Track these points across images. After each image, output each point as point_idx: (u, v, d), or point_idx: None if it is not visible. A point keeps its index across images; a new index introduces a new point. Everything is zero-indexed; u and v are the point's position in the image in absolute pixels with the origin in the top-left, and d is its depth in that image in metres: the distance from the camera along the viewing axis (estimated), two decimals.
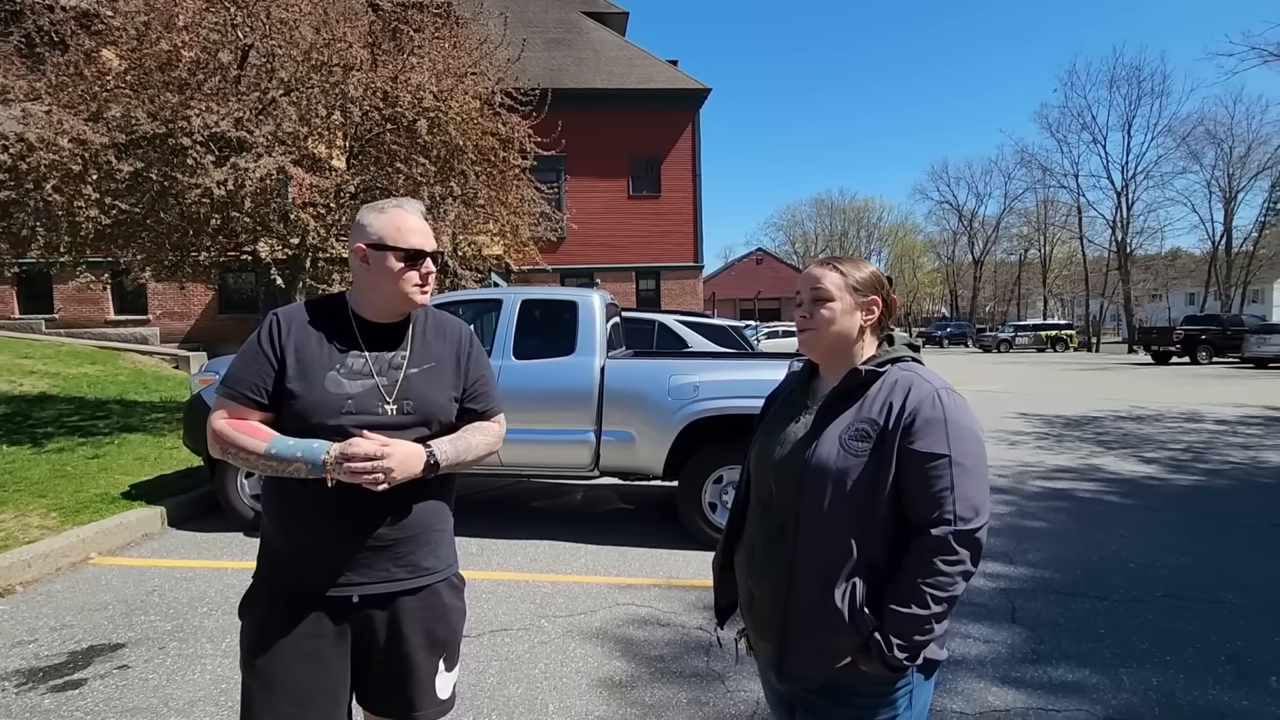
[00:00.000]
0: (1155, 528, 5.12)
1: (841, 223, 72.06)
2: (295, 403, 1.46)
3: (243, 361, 1.50)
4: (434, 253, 1.56)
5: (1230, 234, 42.95)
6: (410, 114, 7.60)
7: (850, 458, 1.25)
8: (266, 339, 1.50)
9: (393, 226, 1.51)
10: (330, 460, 1.40)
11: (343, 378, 1.49)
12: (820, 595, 1.25)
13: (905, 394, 1.27)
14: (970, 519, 1.21)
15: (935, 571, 1.19)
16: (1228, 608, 3.65)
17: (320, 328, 1.53)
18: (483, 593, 3.90)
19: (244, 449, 1.43)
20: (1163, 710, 2.67)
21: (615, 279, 21.71)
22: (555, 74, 19.38)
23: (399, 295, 1.53)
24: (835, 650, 1.25)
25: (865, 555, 1.25)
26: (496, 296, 5.24)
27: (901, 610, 1.20)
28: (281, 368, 1.48)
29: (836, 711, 1.30)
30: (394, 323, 1.59)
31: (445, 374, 1.61)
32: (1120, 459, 7.70)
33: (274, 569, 1.52)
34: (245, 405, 1.48)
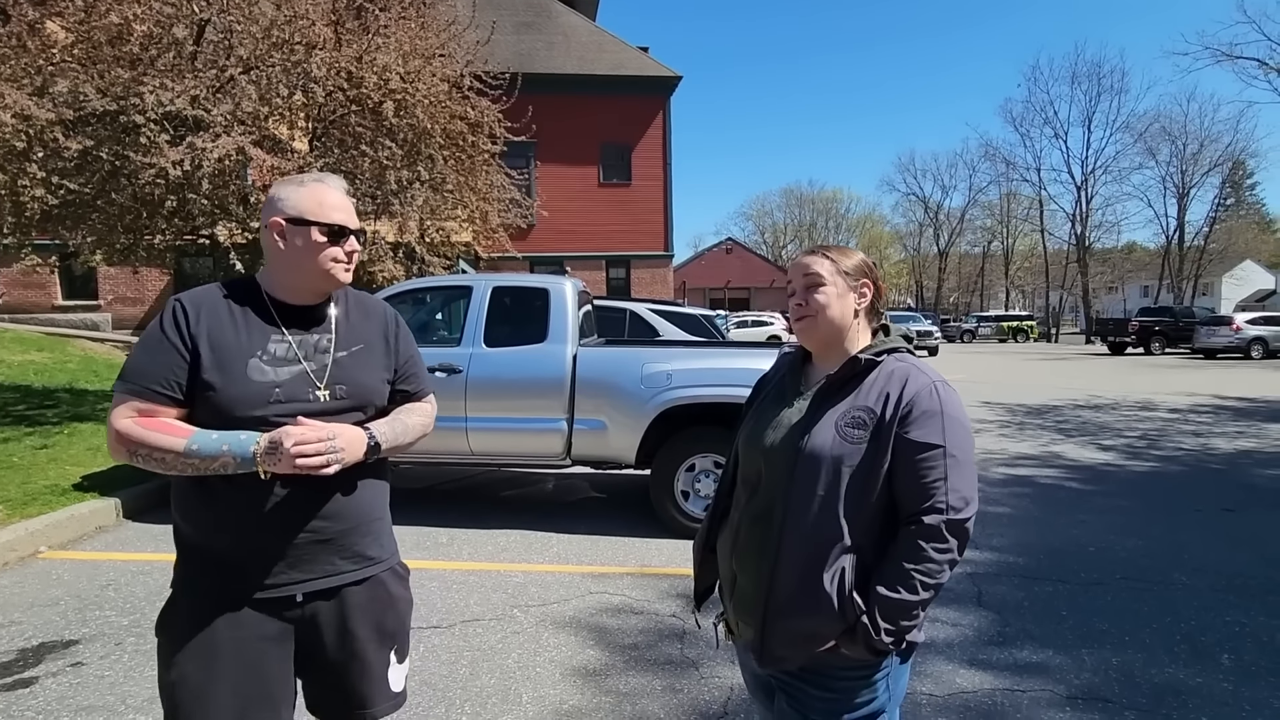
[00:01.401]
0: (1113, 513, 5.27)
1: (810, 213, 72.67)
2: (214, 395, 1.34)
3: (147, 353, 1.35)
4: (357, 231, 1.47)
5: (1183, 229, 44.46)
6: (376, 95, 7.41)
7: (846, 444, 1.26)
8: (172, 327, 1.35)
9: (314, 201, 1.41)
10: (261, 451, 1.30)
11: (266, 365, 1.38)
12: (806, 578, 1.26)
13: (903, 385, 1.28)
14: (961, 509, 1.23)
15: (925, 558, 1.21)
16: (1182, 589, 3.77)
17: (234, 312, 1.40)
18: (454, 583, 3.85)
19: (157, 448, 1.29)
20: (1122, 688, 2.75)
21: (585, 267, 21.60)
22: (524, 58, 19.09)
23: (321, 274, 1.43)
24: (819, 634, 1.26)
25: (855, 541, 1.26)
26: (466, 283, 5.15)
27: (890, 595, 1.21)
28: (195, 358, 1.34)
29: (816, 695, 1.30)
30: (314, 304, 1.48)
31: (376, 356, 1.54)
32: (1079, 446, 7.91)
33: (201, 575, 1.39)
34: (155, 401, 1.33)
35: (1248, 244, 54.15)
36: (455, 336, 4.97)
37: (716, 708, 2.63)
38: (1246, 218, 54.88)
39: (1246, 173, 49.28)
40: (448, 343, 5.09)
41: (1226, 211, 49.28)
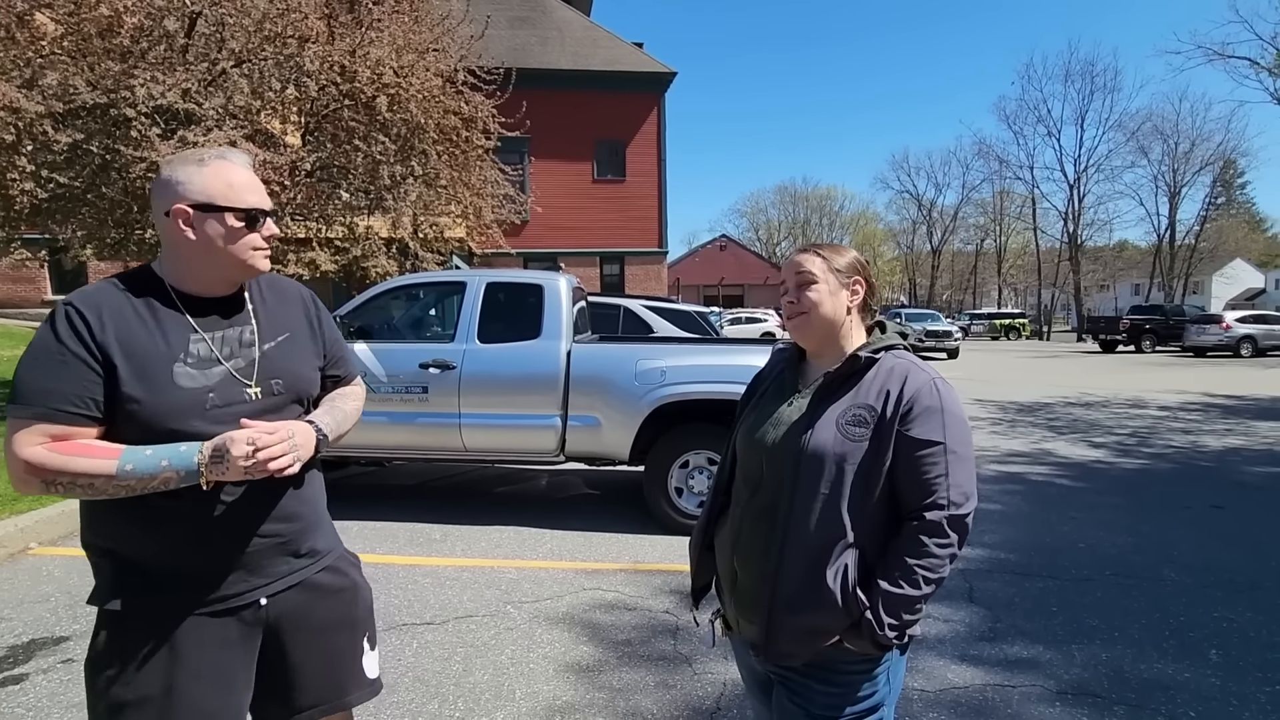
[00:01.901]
0: (1103, 509, 5.30)
1: (804, 211, 72.75)
2: (139, 409, 1.20)
3: (46, 370, 1.18)
4: (271, 211, 1.36)
5: (1174, 227, 44.70)
6: (369, 90, 7.39)
7: (849, 442, 1.27)
8: (73, 337, 1.18)
9: (222, 182, 1.27)
10: (206, 461, 1.20)
11: (193, 369, 1.26)
12: (810, 575, 1.27)
13: (902, 381, 1.29)
14: (962, 504, 1.25)
15: (928, 553, 1.23)
16: (1171, 585, 3.80)
17: (140, 313, 1.25)
18: (447, 579, 3.85)
19: (83, 474, 1.15)
20: (1111, 684, 2.77)
21: (579, 263, 21.56)
22: (518, 53, 19.04)
23: (236, 263, 1.30)
24: (824, 630, 1.27)
25: (857, 537, 1.28)
26: (460, 279, 5.13)
27: (894, 590, 1.23)
28: (109, 370, 1.19)
29: (819, 689, 1.32)
30: (227, 294, 1.35)
31: (303, 342, 1.45)
32: (1070, 444, 7.96)
33: (148, 594, 1.26)
34: (70, 424, 1.18)
35: (1238, 243, 54.54)
36: (449, 332, 4.96)
37: (709, 703, 2.64)
38: (1237, 217, 55.28)
39: (1237, 172, 49.71)
40: (441, 339, 5.08)
41: (1217, 210, 49.61)
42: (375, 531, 4.62)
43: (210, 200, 1.26)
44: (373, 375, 4.69)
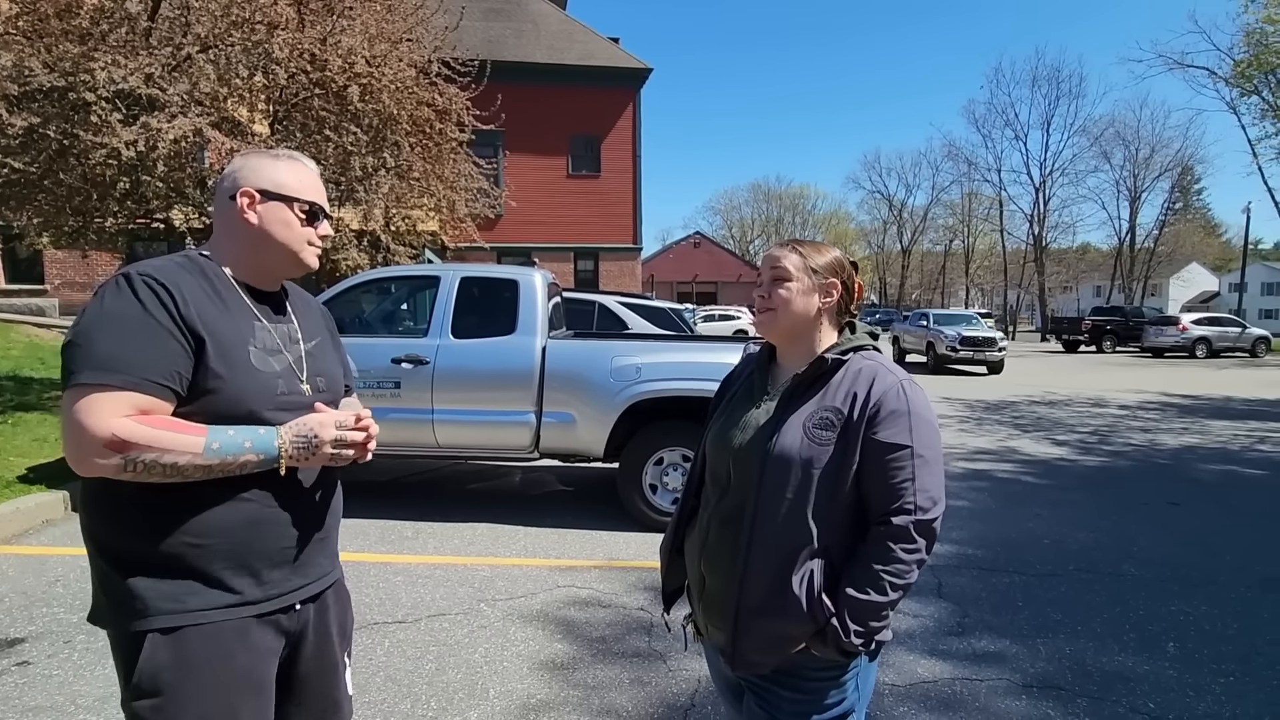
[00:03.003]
0: (1066, 506, 5.44)
1: (778, 209, 73.23)
2: (224, 388, 1.17)
3: (133, 340, 1.11)
4: (329, 215, 1.38)
5: (1134, 231, 45.94)
6: (340, 79, 7.23)
7: (815, 446, 1.25)
8: (160, 308, 1.13)
9: (291, 175, 1.30)
10: (287, 444, 1.18)
11: (264, 354, 1.25)
12: (776, 581, 1.25)
13: (870, 384, 1.27)
14: (929, 509, 1.23)
15: (894, 559, 1.21)
16: (1131, 580, 3.91)
17: (207, 292, 1.22)
18: (419, 577, 3.81)
19: (170, 450, 1.08)
20: (1075, 677, 2.85)
21: (553, 259, 21.45)
22: (493, 45, 18.84)
23: (289, 255, 1.31)
24: (790, 636, 1.25)
25: (824, 542, 1.26)
26: (434, 273, 5.07)
27: (859, 597, 1.21)
28: (199, 346, 1.15)
29: (786, 696, 1.30)
30: (274, 290, 1.36)
31: (331, 349, 1.47)
32: (1035, 441, 8.15)
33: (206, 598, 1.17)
34: (159, 397, 1.11)
35: (1194, 247, 56.31)
36: (422, 327, 4.89)
37: (684, 700, 2.65)
38: (1193, 221, 57.02)
39: (1194, 178, 51.15)
40: (414, 334, 5.01)
41: (1175, 215, 51.08)
42: (345, 529, 4.51)
43: (278, 188, 1.28)
44: None
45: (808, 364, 1.32)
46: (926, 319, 18.79)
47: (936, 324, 17.99)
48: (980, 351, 16.44)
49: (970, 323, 18.04)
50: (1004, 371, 16.97)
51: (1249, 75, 23.28)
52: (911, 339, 19.38)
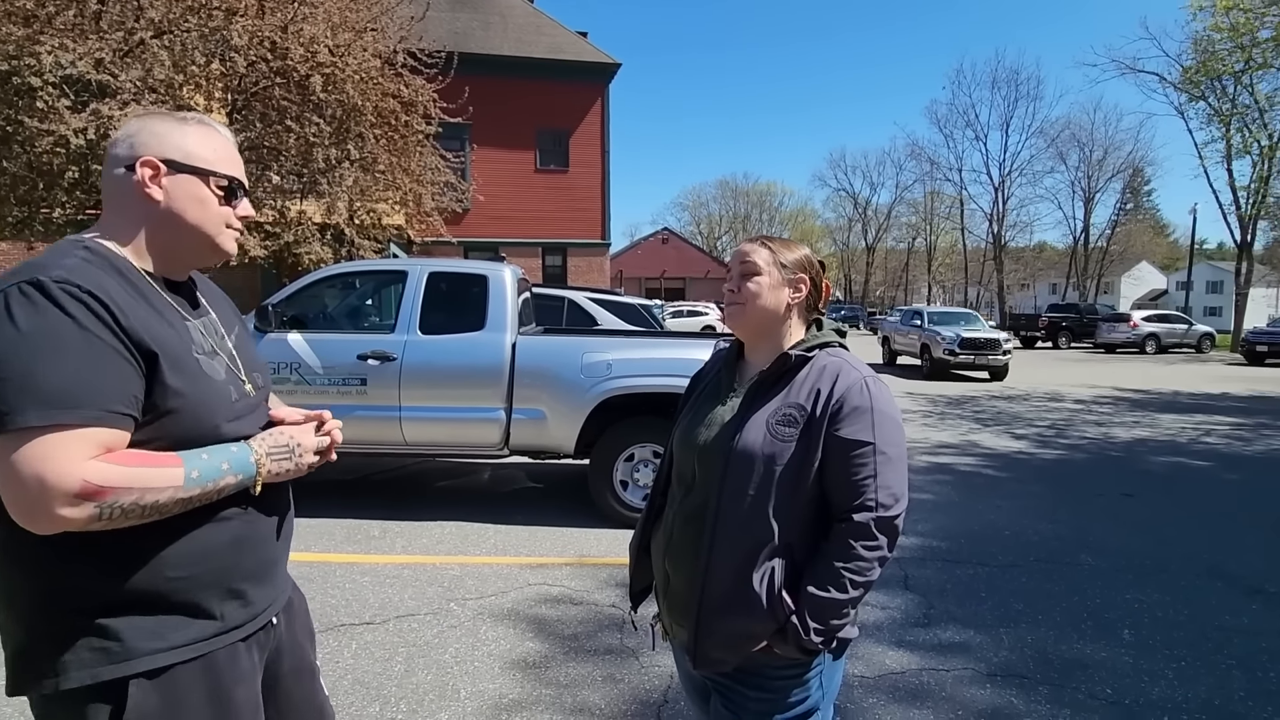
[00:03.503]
0: (1026, 498, 5.58)
1: (745, 206, 73.71)
2: (185, 405, 1.01)
3: (84, 364, 0.92)
4: (249, 190, 1.23)
5: (1088, 230, 47.38)
6: (303, 68, 7.08)
7: (777, 443, 1.24)
8: (97, 322, 0.94)
9: (204, 144, 1.10)
10: (263, 457, 1.08)
11: (207, 358, 1.09)
12: (738, 579, 1.25)
13: (833, 381, 1.27)
14: (891, 506, 1.22)
15: (855, 556, 1.21)
16: (1088, 569, 4.04)
17: (133, 295, 1.02)
18: (387, 577, 3.75)
19: (151, 489, 0.94)
20: (1036, 665, 2.93)
21: (521, 254, 21.26)
22: (460, 37, 18.56)
23: (204, 240, 1.12)
24: (751, 634, 1.24)
25: (785, 540, 1.25)
26: (401, 268, 4.98)
27: (820, 594, 1.21)
28: (150, 361, 0.98)
29: (751, 695, 1.29)
30: (183, 280, 1.17)
31: (249, 338, 1.30)
32: (995, 435, 8.35)
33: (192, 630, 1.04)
34: (121, 429, 0.95)
35: (1144, 246, 58.26)
36: (389, 323, 4.81)
37: (657, 696, 2.66)
38: (1143, 222, 58.94)
39: (1144, 180, 52.93)
40: (380, 329, 4.92)
41: (1126, 215, 52.79)
42: (310, 529, 4.45)
43: (188, 159, 1.08)
44: (307, 367, 4.51)
45: (772, 361, 1.32)
46: (921, 318, 16.56)
47: (932, 324, 15.94)
48: (982, 355, 14.59)
49: (969, 322, 16.16)
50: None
51: (1196, 81, 24.12)
52: (904, 340, 17.18)
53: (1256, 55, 13.20)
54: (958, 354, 14.49)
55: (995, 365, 14.73)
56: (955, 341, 14.56)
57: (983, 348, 14.58)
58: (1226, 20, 12.50)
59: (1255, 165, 25.87)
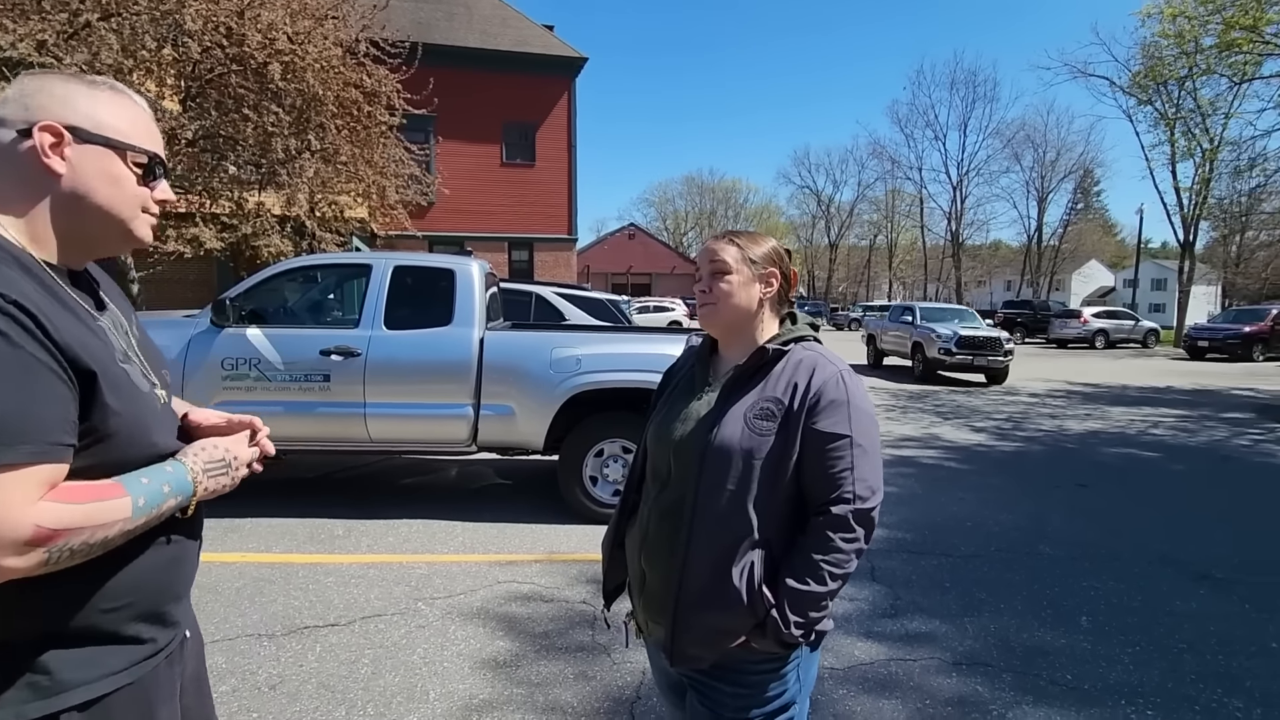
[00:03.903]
0: (986, 490, 5.72)
1: (711, 202, 74.09)
2: (123, 426, 0.91)
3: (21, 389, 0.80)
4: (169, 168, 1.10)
5: (1042, 229, 48.74)
6: (260, 55, 6.87)
7: (755, 436, 1.24)
8: (29, 338, 0.82)
9: (122, 114, 0.95)
10: (200, 474, 0.99)
11: (130, 366, 0.97)
12: (716, 575, 1.24)
13: (810, 374, 1.27)
14: (868, 498, 1.23)
15: (833, 549, 1.21)
16: (1046, 559, 4.15)
17: (46, 296, 0.88)
18: (352, 577, 3.67)
19: (101, 525, 0.85)
20: (999, 653, 3.00)
21: (487, 249, 21.02)
22: (423, 28, 18.24)
23: (116, 225, 0.97)
24: (730, 630, 1.24)
25: (764, 534, 1.25)
26: (365, 261, 4.87)
27: (799, 587, 1.21)
28: (86, 379, 0.87)
29: (728, 691, 1.29)
30: (79, 270, 1.01)
31: (146, 333, 1.17)
32: (955, 428, 8.54)
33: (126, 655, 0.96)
34: (63, 461, 0.85)
35: (1094, 245, 60.28)
36: (352, 318, 4.70)
37: (630, 692, 2.65)
38: (1093, 221, 60.94)
39: (1094, 181, 54.70)
40: (344, 324, 4.81)
41: (1077, 215, 54.49)
42: (271, 529, 4.34)
43: (99, 129, 0.92)
44: (267, 362, 4.39)
45: (748, 355, 1.32)
46: (912, 314, 15.09)
47: (925, 321, 14.52)
48: (981, 355, 13.12)
49: (965, 319, 14.62)
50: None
51: (1144, 86, 24.96)
52: (892, 339, 15.82)
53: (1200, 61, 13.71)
54: (954, 354, 13.10)
55: (995, 367, 13.29)
56: (952, 340, 13.13)
57: (981, 347, 13.15)
58: (1173, 27, 12.95)
59: (1198, 168, 26.95)
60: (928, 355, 13.70)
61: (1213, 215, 30.80)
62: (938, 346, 13.37)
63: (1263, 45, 12.24)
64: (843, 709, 2.57)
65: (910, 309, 15.45)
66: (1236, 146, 22.13)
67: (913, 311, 15.14)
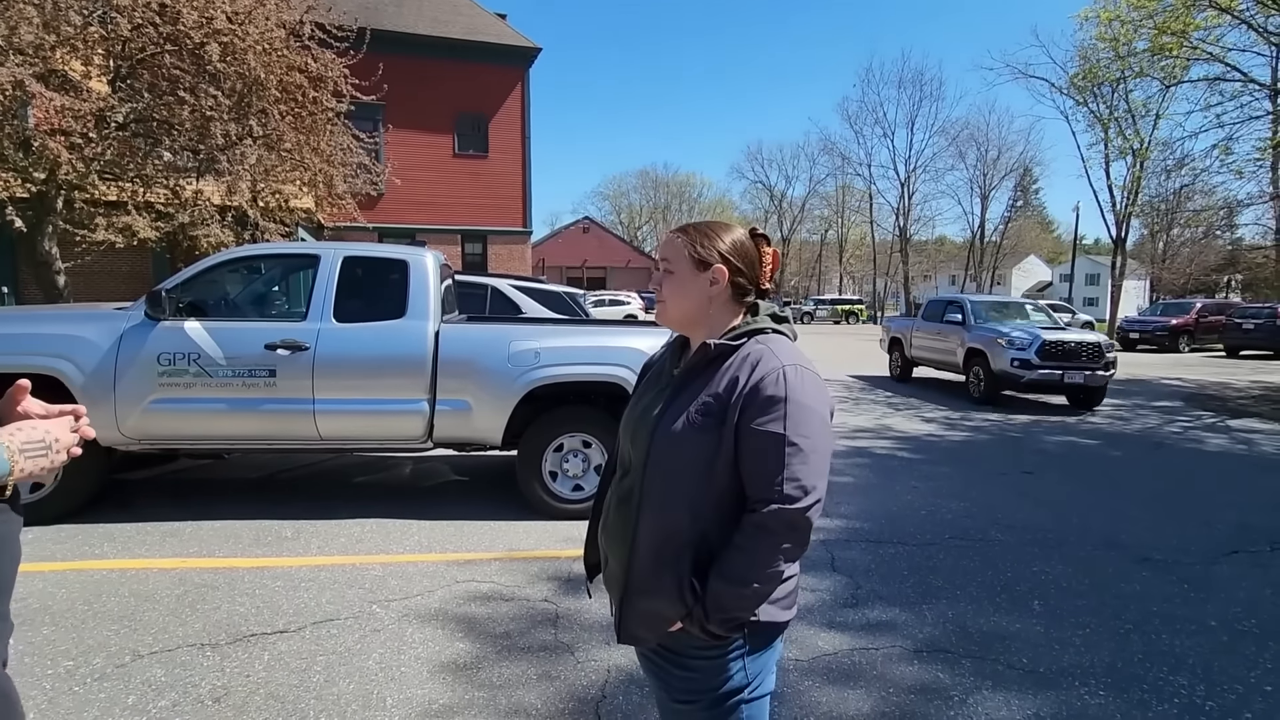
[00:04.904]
0: (938, 479, 5.85)
1: (665, 196, 74.23)
2: None
3: None
4: None
5: (984, 226, 50.35)
6: (197, 35, 6.53)
7: (694, 432, 1.24)
8: None
9: None
10: (17, 454, 0.96)
11: None
12: (655, 562, 1.27)
13: (752, 370, 1.24)
14: (798, 499, 1.20)
15: (758, 548, 1.21)
16: (998, 545, 4.26)
17: None
18: (301, 581, 3.52)
19: None
20: (958, 639, 3.05)
21: (440, 241, 20.61)
22: (371, 13, 17.70)
23: None
24: (664, 616, 1.27)
25: (700, 528, 1.26)
26: (312, 251, 4.68)
27: (722, 584, 1.21)
28: None
29: (674, 673, 1.34)
30: None
31: None
32: (906, 419, 8.73)
33: None
34: None
35: (1032, 241, 62.63)
36: (300, 310, 4.50)
37: (595, 691, 2.60)
38: (1032, 218, 63.28)
39: (1033, 179, 56.77)
40: (291, 317, 4.61)
41: (1017, 212, 56.51)
42: (214, 532, 4.13)
43: None
44: (208, 357, 4.17)
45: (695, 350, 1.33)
46: (962, 311, 10.95)
47: (984, 320, 10.63)
48: (1076, 369, 9.44)
49: (1038, 315, 11.23)
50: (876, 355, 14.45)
51: (1081, 87, 25.93)
52: (930, 345, 11.71)
53: (1134, 64, 14.30)
54: (1036, 366, 9.33)
55: (1094, 385, 9.55)
56: (1033, 347, 9.40)
57: (1074, 357, 9.46)
58: (1109, 31, 13.47)
59: (1130, 167, 28.16)
60: (994, 368, 9.68)
61: (1143, 213, 32.26)
62: (1010, 356, 9.49)
63: (1191, 50, 12.82)
64: (808, 700, 2.57)
65: (959, 303, 11.27)
66: (1166, 147, 23.22)
67: (963, 307, 11.02)
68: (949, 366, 11.25)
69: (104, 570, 3.59)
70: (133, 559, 3.75)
